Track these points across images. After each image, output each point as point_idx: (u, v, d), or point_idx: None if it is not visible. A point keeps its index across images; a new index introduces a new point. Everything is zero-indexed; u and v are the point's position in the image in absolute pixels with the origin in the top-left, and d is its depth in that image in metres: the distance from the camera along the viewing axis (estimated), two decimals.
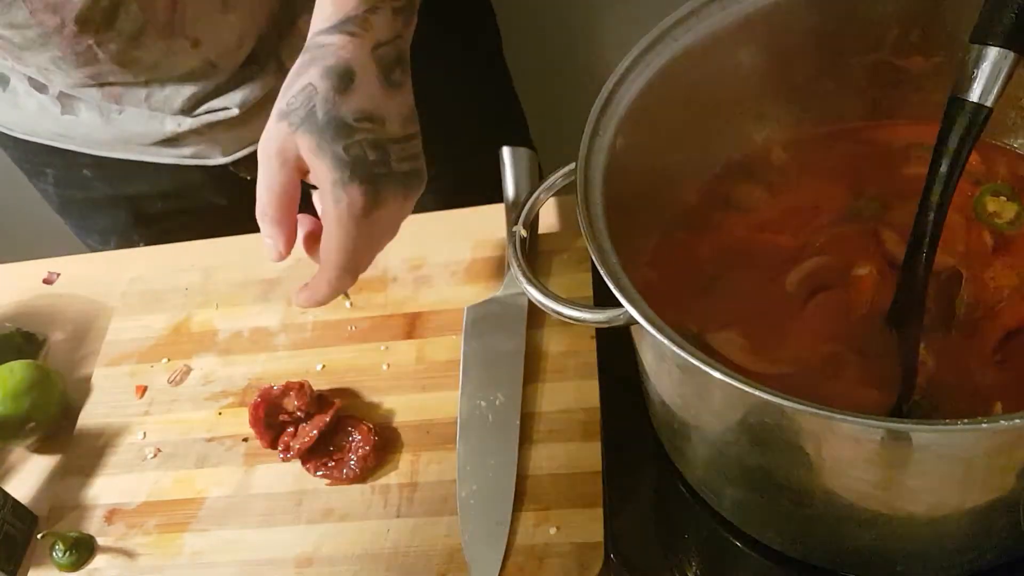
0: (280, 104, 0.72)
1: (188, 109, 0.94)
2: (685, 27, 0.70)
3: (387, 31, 0.72)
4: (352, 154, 0.70)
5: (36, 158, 1.05)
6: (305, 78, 0.71)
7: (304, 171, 0.72)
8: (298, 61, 0.73)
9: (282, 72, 0.93)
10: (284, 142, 0.71)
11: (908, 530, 0.63)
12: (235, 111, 0.94)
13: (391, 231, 0.74)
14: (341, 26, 0.71)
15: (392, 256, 0.93)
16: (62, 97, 0.95)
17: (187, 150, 0.99)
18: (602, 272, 0.60)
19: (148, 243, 1.10)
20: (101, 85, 0.91)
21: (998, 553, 0.66)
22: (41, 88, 0.94)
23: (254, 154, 1.00)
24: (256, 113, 0.96)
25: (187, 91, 0.92)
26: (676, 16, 0.70)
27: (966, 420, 0.51)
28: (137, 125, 0.96)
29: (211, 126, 0.96)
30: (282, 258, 0.73)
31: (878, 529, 0.62)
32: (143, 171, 1.03)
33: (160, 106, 0.93)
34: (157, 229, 1.10)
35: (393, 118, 0.71)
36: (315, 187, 0.73)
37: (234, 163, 1.01)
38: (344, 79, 0.70)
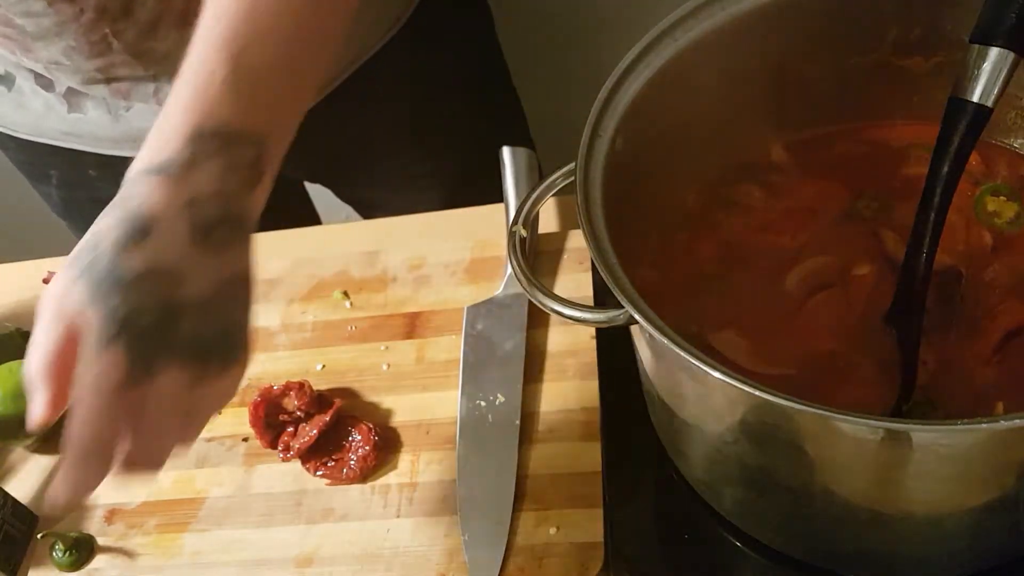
0: (75, 249, 0.61)
1: None
2: (685, 27, 0.70)
3: (211, 185, 0.60)
4: (123, 312, 0.57)
5: (40, 159, 1.05)
6: (103, 221, 0.60)
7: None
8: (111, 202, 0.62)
9: None
10: (66, 291, 0.59)
11: (908, 530, 0.63)
12: None
13: (178, 418, 0.58)
14: (157, 169, 0.61)
15: (392, 256, 0.93)
16: (69, 95, 0.94)
17: None
18: (602, 272, 0.60)
19: None
20: (109, 81, 0.90)
21: (998, 553, 0.66)
22: (48, 86, 0.94)
23: None
24: None
25: None
26: (676, 16, 0.70)
27: (965, 420, 0.51)
28: (145, 121, 0.95)
29: None
30: (44, 423, 0.59)
31: (878, 529, 0.62)
32: None
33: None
34: None
35: (197, 279, 0.59)
36: None
37: None
38: (139, 228, 0.59)
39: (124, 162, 1.02)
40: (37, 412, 0.60)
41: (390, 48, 0.99)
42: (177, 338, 0.58)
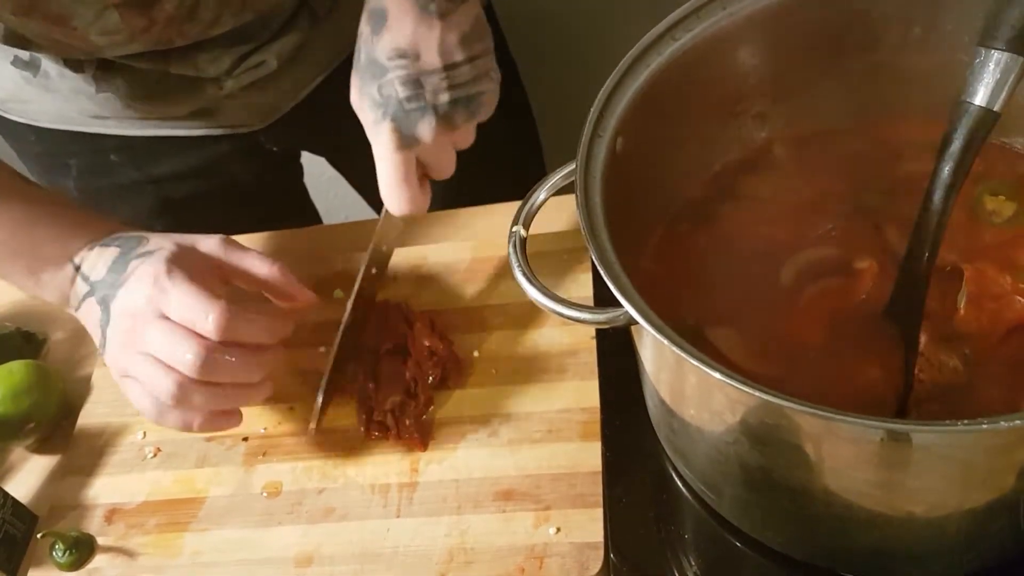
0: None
1: (231, 69, 0.95)
2: (685, 27, 0.70)
3: None
4: (384, 93, 0.73)
5: (61, 149, 1.05)
6: (360, 26, 0.76)
7: None
8: None
9: (314, 20, 0.95)
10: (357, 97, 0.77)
11: (908, 530, 0.63)
12: (274, 64, 0.96)
13: (443, 157, 0.78)
14: None
15: (393, 255, 0.93)
16: (97, 74, 0.95)
17: (221, 119, 1.01)
18: (602, 273, 0.59)
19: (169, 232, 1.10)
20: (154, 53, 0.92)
21: (998, 553, 0.66)
22: (76, 67, 0.94)
23: (281, 121, 1.02)
24: (290, 67, 0.98)
25: (236, 51, 0.94)
26: (677, 15, 0.70)
27: (966, 421, 0.50)
28: (177, 93, 0.96)
29: (247, 89, 0.97)
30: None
31: (878, 529, 0.62)
32: (171, 147, 1.04)
33: (206, 67, 0.94)
34: (180, 218, 1.10)
35: (430, 50, 0.73)
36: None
37: (263, 132, 1.03)
38: (378, 19, 0.73)
39: (145, 143, 1.03)
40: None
41: None
42: (425, 105, 0.74)
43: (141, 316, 0.74)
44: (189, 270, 0.75)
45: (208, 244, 0.79)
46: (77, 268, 0.79)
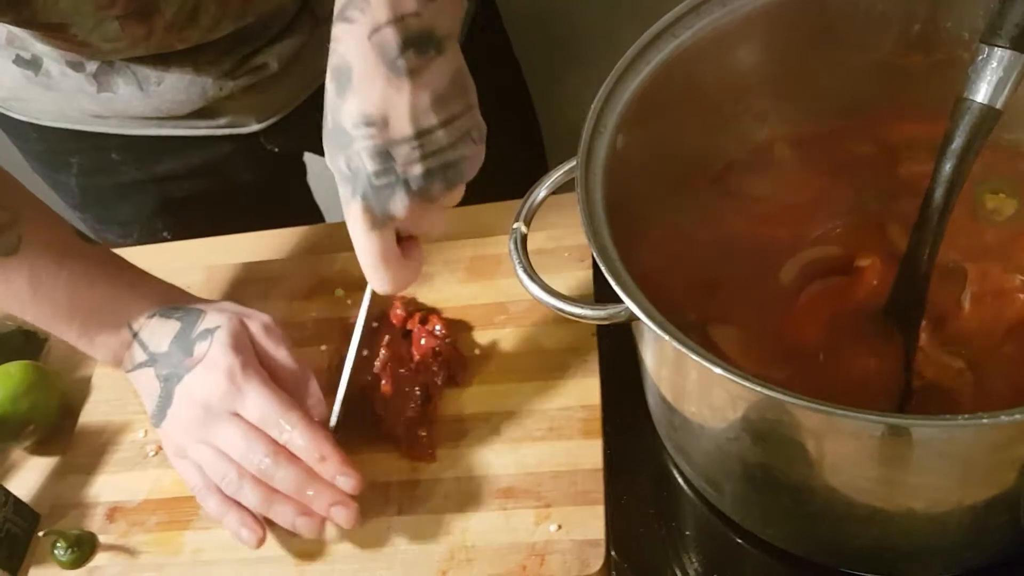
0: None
1: (232, 71, 0.95)
2: (686, 24, 0.70)
3: (388, 9, 0.61)
4: (353, 166, 0.65)
5: (62, 146, 1.05)
6: (326, 82, 0.66)
7: None
8: None
9: (315, 23, 0.96)
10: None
11: (908, 526, 0.63)
12: (275, 66, 0.96)
13: (428, 222, 0.70)
14: (342, 13, 0.63)
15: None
16: (99, 74, 0.95)
17: (222, 120, 1.01)
18: (603, 268, 0.60)
19: (171, 232, 1.11)
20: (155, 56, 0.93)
21: (998, 549, 0.66)
22: (77, 66, 0.95)
23: (283, 122, 1.03)
24: (292, 69, 0.98)
25: (236, 53, 0.94)
26: (677, 13, 0.70)
27: (966, 415, 0.51)
28: (177, 94, 0.96)
29: (247, 89, 0.97)
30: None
31: (878, 526, 0.63)
32: (173, 147, 1.04)
33: (207, 68, 0.94)
34: (182, 216, 1.11)
35: (399, 116, 0.63)
36: None
37: (264, 133, 1.03)
38: (342, 78, 0.64)
39: (147, 142, 1.04)
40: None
41: None
42: (397, 179, 0.65)
43: (213, 410, 0.75)
44: (254, 362, 0.76)
45: (254, 326, 0.79)
46: (135, 334, 0.80)
